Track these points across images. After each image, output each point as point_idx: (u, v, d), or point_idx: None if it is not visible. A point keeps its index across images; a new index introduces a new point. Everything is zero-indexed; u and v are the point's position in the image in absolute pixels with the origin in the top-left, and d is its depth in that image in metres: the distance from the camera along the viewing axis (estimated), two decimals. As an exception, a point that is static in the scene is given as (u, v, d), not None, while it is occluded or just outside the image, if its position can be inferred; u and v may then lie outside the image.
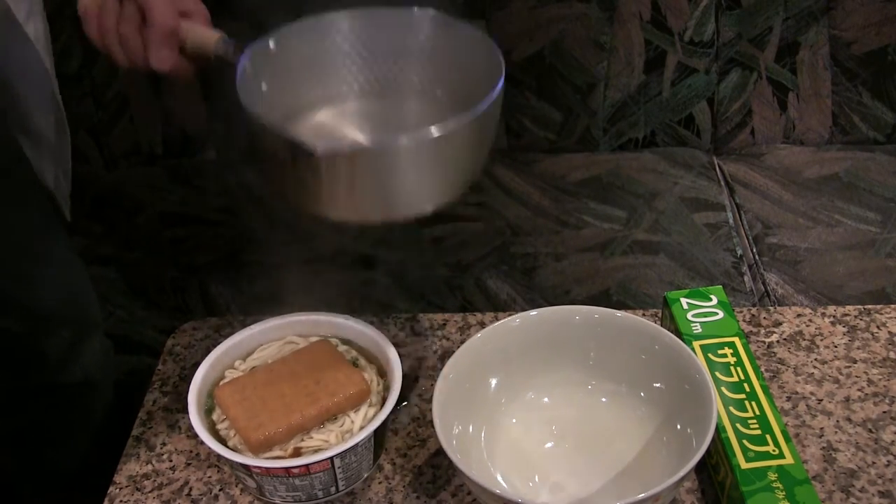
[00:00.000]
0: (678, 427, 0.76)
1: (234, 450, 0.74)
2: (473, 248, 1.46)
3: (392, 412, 0.75)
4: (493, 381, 0.81)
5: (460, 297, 1.37)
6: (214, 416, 0.77)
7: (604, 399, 0.82)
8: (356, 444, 0.73)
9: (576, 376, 0.82)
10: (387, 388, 0.78)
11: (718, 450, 0.75)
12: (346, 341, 0.83)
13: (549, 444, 0.80)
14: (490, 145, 0.74)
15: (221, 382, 0.79)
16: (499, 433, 0.79)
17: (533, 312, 0.82)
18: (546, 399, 0.82)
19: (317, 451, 0.73)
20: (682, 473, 0.67)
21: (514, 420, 0.81)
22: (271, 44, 0.77)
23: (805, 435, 0.81)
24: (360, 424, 0.76)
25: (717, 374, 0.80)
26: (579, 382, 0.82)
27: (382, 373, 0.80)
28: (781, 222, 1.49)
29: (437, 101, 0.79)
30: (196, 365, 0.80)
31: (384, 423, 0.75)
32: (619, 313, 0.81)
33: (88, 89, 1.63)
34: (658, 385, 0.79)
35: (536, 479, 0.77)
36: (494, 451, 0.78)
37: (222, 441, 0.74)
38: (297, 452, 0.74)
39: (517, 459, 0.78)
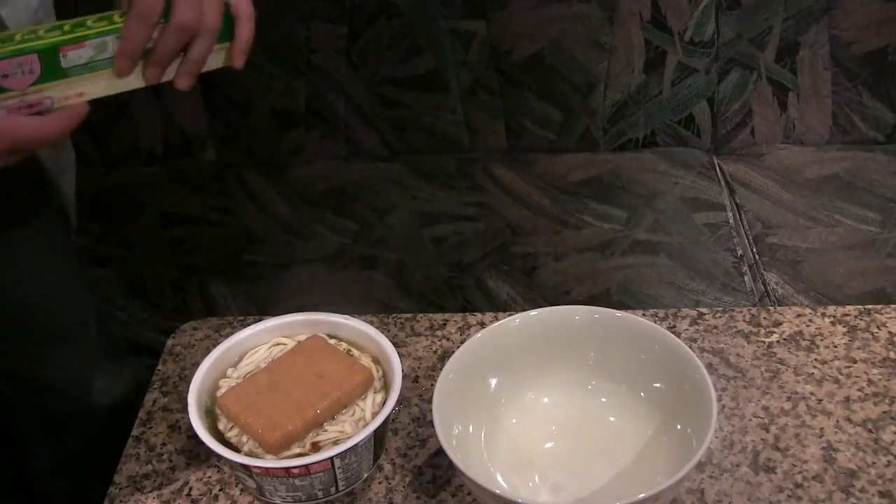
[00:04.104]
0: (678, 427, 0.76)
1: (249, 455, 0.74)
2: (473, 248, 1.46)
3: (392, 412, 0.75)
4: (493, 381, 0.81)
5: (460, 297, 1.37)
6: (221, 426, 0.76)
7: (604, 399, 0.82)
8: (356, 444, 0.73)
9: (576, 376, 0.82)
10: (385, 375, 0.78)
11: None
12: (333, 336, 0.83)
13: (549, 444, 0.80)
14: None
15: (219, 393, 0.79)
16: (499, 433, 0.79)
17: (533, 312, 0.82)
18: (546, 399, 0.82)
19: (336, 442, 0.73)
20: (682, 473, 0.67)
21: (514, 420, 0.81)
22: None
23: (805, 435, 0.81)
24: (372, 411, 0.76)
25: None
26: (579, 382, 0.82)
27: (377, 360, 0.80)
28: (781, 222, 1.49)
29: None
30: (196, 365, 0.79)
31: (384, 423, 0.75)
32: (619, 313, 0.81)
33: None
34: (658, 385, 0.79)
35: (536, 479, 0.77)
36: (494, 451, 0.78)
37: (235, 449, 0.74)
38: (315, 447, 0.74)
39: (517, 459, 0.78)
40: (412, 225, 1.52)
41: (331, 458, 0.72)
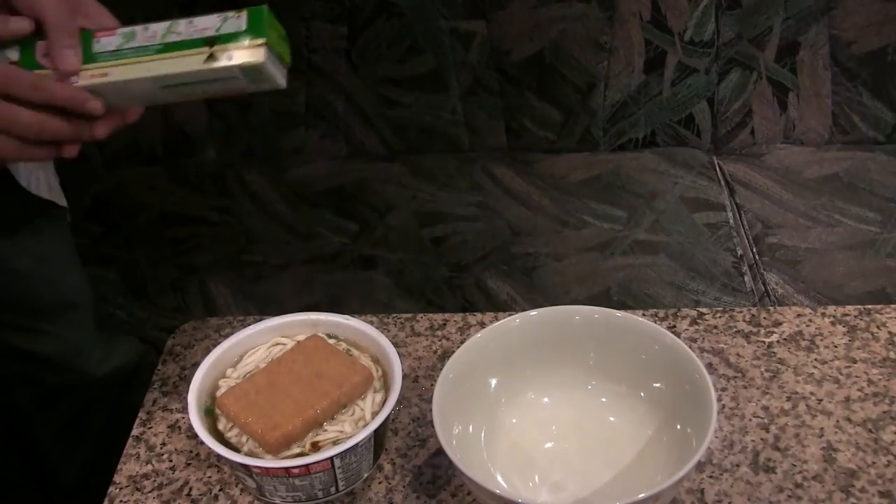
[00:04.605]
0: (678, 427, 0.76)
1: (249, 455, 0.74)
2: (473, 248, 1.46)
3: (392, 412, 0.75)
4: (493, 381, 0.81)
5: (460, 297, 1.37)
6: (221, 426, 0.76)
7: (604, 399, 0.82)
8: (356, 444, 0.73)
9: (576, 376, 0.82)
10: (385, 375, 0.78)
11: None
12: (332, 335, 0.83)
13: (549, 444, 0.80)
14: None
15: (218, 393, 0.79)
16: (499, 433, 0.79)
17: (533, 312, 0.82)
18: (546, 399, 0.82)
19: (336, 442, 0.73)
20: (681, 473, 0.67)
21: (514, 420, 0.81)
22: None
23: (805, 435, 0.81)
24: (372, 411, 0.76)
25: None
26: (579, 382, 0.82)
27: (376, 360, 0.80)
28: (781, 222, 1.49)
29: None
30: (196, 365, 0.79)
31: (384, 423, 0.75)
32: (619, 313, 0.81)
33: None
34: (658, 385, 0.79)
35: (536, 479, 0.77)
36: (494, 451, 0.78)
37: (235, 449, 0.74)
38: (315, 447, 0.74)
39: (517, 459, 0.78)
40: (412, 225, 1.52)
41: (331, 458, 0.72)
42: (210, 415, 0.78)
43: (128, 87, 0.71)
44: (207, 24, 0.71)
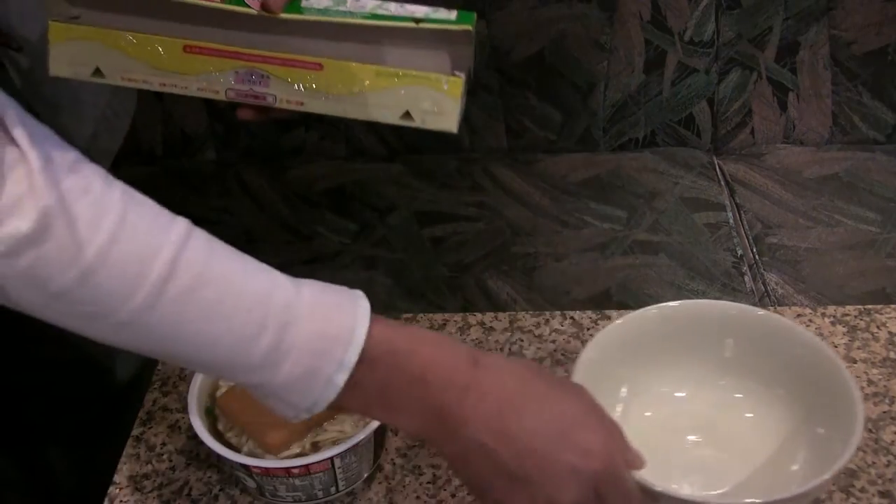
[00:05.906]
0: (818, 430, 0.74)
1: (249, 455, 0.74)
2: (473, 248, 1.46)
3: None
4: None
5: (460, 297, 1.37)
6: (221, 426, 0.76)
7: (738, 395, 0.80)
8: (356, 444, 0.73)
9: (708, 372, 0.81)
10: None
11: None
12: None
13: (691, 438, 0.79)
14: None
15: (218, 393, 0.78)
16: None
17: (673, 304, 0.80)
18: (679, 393, 0.81)
19: (335, 442, 0.73)
20: (828, 475, 0.65)
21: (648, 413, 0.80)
22: None
23: (805, 435, 0.81)
24: None
25: None
26: (711, 378, 0.81)
27: None
28: (781, 222, 1.49)
29: None
30: (196, 365, 0.79)
31: (384, 423, 0.75)
32: (759, 311, 0.80)
33: (88, 89, 1.63)
34: (795, 385, 0.77)
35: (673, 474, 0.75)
36: None
37: (235, 449, 0.74)
38: (315, 447, 0.74)
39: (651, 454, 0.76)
40: (412, 225, 1.52)
41: (331, 458, 0.72)
42: (210, 415, 0.78)
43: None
44: (418, 9, 0.71)
